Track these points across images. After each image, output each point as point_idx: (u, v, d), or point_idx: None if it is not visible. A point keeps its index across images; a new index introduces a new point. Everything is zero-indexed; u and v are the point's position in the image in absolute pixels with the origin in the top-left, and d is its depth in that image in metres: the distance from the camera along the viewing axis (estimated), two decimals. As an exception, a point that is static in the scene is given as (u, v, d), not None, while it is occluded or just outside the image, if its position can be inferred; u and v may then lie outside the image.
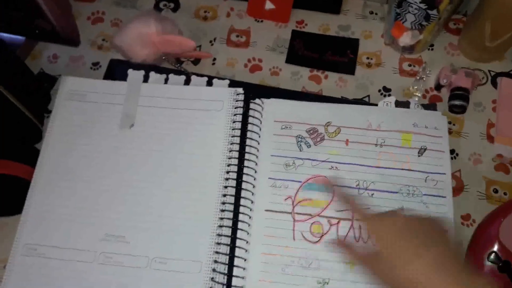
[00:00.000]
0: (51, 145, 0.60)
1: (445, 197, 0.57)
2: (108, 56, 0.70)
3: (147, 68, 0.65)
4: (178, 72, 0.66)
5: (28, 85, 0.64)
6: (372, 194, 0.57)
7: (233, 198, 0.57)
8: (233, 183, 0.57)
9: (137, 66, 0.65)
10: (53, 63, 0.71)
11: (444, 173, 0.58)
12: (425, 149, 0.59)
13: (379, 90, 0.68)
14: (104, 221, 0.56)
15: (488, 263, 0.53)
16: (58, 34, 0.67)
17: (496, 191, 0.61)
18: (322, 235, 0.55)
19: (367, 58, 0.70)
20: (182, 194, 0.57)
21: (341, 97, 0.66)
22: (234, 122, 0.61)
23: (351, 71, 0.69)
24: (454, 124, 0.65)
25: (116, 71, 0.67)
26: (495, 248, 0.53)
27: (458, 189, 0.61)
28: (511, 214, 0.54)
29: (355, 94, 0.67)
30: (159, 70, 0.66)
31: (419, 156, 0.59)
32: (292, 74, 0.69)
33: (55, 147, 0.60)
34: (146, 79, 0.65)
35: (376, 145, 0.60)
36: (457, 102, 0.64)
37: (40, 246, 0.55)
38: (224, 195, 0.57)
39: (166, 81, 0.65)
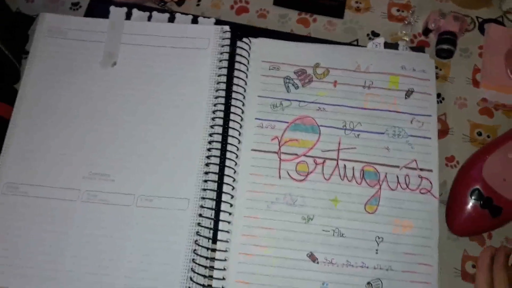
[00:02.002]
0: (31, 83, 0.59)
1: (430, 138, 0.57)
2: (89, -5, 0.67)
3: (130, 5, 0.63)
4: (162, 10, 0.64)
5: (6, 23, 0.61)
6: (358, 135, 0.57)
7: (220, 136, 0.56)
8: (220, 122, 0.57)
9: (119, 4, 0.63)
10: (30, 3, 0.68)
11: (430, 115, 0.58)
12: (412, 91, 0.59)
13: (368, 35, 0.67)
14: (87, 159, 0.55)
15: (471, 200, 0.54)
16: (34, -31, 0.63)
17: (480, 134, 0.61)
18: (308, 174, 0.55)
19: (356, 2, 0.69)
20: (168, 132, 0.56)
21: (330, 40, 0.65)
22: (220, 61, 0.59)
23: (340, 14, 0.68)
24: (440, 69, 0.65)
25: (97, 10, 0.64)
26: (478, 185, 0.54)
27: (443, 132, 0.61)
28: (494, 153, 0.55)
29: (344, 38, 0.66)
30: (142, 8, 0.63)
31: (406, 98, 0.59)
32: (280, 17, 0.68)
33: (35, 84, 0.58)
34: (128, 17, 0.63)
35: (364, 87, 0.59)
36: (444, 46, 0.63)
37: (22, 184, 0.54)
38: (211, 134, 0.56)
39: (149, 19, 0.63)
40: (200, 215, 0.53)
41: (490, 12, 0.68)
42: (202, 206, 0.53)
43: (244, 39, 0.61)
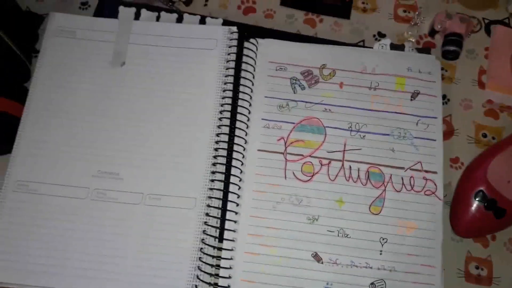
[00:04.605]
0: (41, 82, 0.59)
1: (435, 140, 0.58)
2: (97, -6, 0.68)
3: (139, 6, 0.64)
4: (170, 11, 0.64)
5: (17, 22, 0.62)
6: (364, 136, 0.58)
7: (227, 136, 0.57)
8: (227, 122, 0.58)
9: (128, 4, 0.63)
10: (40, 2, 0.68)
11: (436, 117, 0.59)
12: (418, 93, 0.60)
13: (374, 35, 0.67)
14: (96, 158, 0.56)
15: (475, 201, 0.54)
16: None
17: (485, 135, 0.62)
18: (313, 174, 0.56)
19: (363, 2, 0.69)
20: (176, 132, 0.57)
21: (336, 41, 0.65)
22: (227, 61, 0.60)
23: (346, 15, 0.68)
24: (446, 70, 0.65)
25: (106, 9, 0.65)
26: (483, 187, 0.54)
27: (448, 133, 0.61)
28: (499, 155, 0.56)
29: (350, 38, 0.67)
30: (151, 8, 0.64)
31: (411, 100, 0.59)
32: (287, 17, 0.68)
33: (45, 83, 0.59)
34: (137, 17, 0.63)
35: (370, 88, 0.60)
36: (450, 48, 0.64)
37: (32, 182, 0.55)
38: (218, 134, 0.57)
39: (157, 19, 0.63)
40: (207, 214, 0.54)
41: (497, 14, 0.69)
42: (209, 205, 0.54)
43: (251, 40, 0.61)
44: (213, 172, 0.55)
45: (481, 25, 0.68)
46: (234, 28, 0.62)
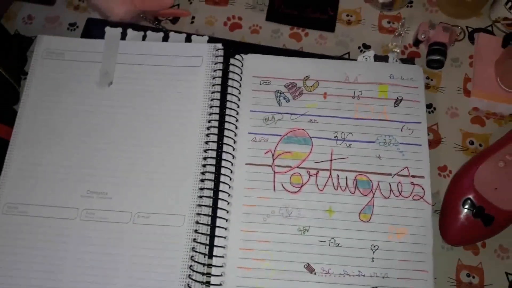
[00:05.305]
0: (30, 104, 0.60)
1: (420, 145, 0.58)
2: (85, 16, 0.69)
3: (125, 26, 0.65)
4: (156, 30, 0.65)
5: (5, 45, 0.63)
6: (350, 145, 0.58)
7: (214, 153, 0.57)
8: (214, 138, 0.58)
9: (114, 24, 0.64)
10: (28, 24, 0.69)
11: (420, 122, 0.59)
12: (401, 100, 0.60)
13: (359, 47, 0.68)
14: (85, 178, 0.56)
15: (463, 209, 0.54)
16: (32, -9, 0.65)
17: (472, 143, 0.62)
18: (302, 185, 0.56)
19: (347, 15, 0.70)
20: (164, 150, 0.58)
21: (321, 54, 0.66)
22: (214, 78, 0.61)
23: (331, 28, 0.69)
24: (431, 79, 0.66)
25: (93, 30, 0.66)
26: (470, 195, 0.55)
27: (435, 142, 0.62)
28: (485, 162, 0.56)
29: (335, 51, 0.67)
30: (137, 27, 0.65)
31: (395, 106, 0.60)
32: (273, 32, 0.69)
33: (34, 105, 0.60)
34: (123, 36, 0.64)
35: (353, 97, 0.61)
36: (435, 57, 0.64)
37: (21, 204, 0.55)
38: (205, 151, 0.57)
39: (144, 38, 0.64)
40: (196, 231, 0.54)
41: (480, 22, 0.69)
42: (197, 222, 0.54)
43: (237, 56, 0.62)
44: (202, 189, 0.55)
45: (464, 34, 0.69)
46: (219, 45, 0.63)
